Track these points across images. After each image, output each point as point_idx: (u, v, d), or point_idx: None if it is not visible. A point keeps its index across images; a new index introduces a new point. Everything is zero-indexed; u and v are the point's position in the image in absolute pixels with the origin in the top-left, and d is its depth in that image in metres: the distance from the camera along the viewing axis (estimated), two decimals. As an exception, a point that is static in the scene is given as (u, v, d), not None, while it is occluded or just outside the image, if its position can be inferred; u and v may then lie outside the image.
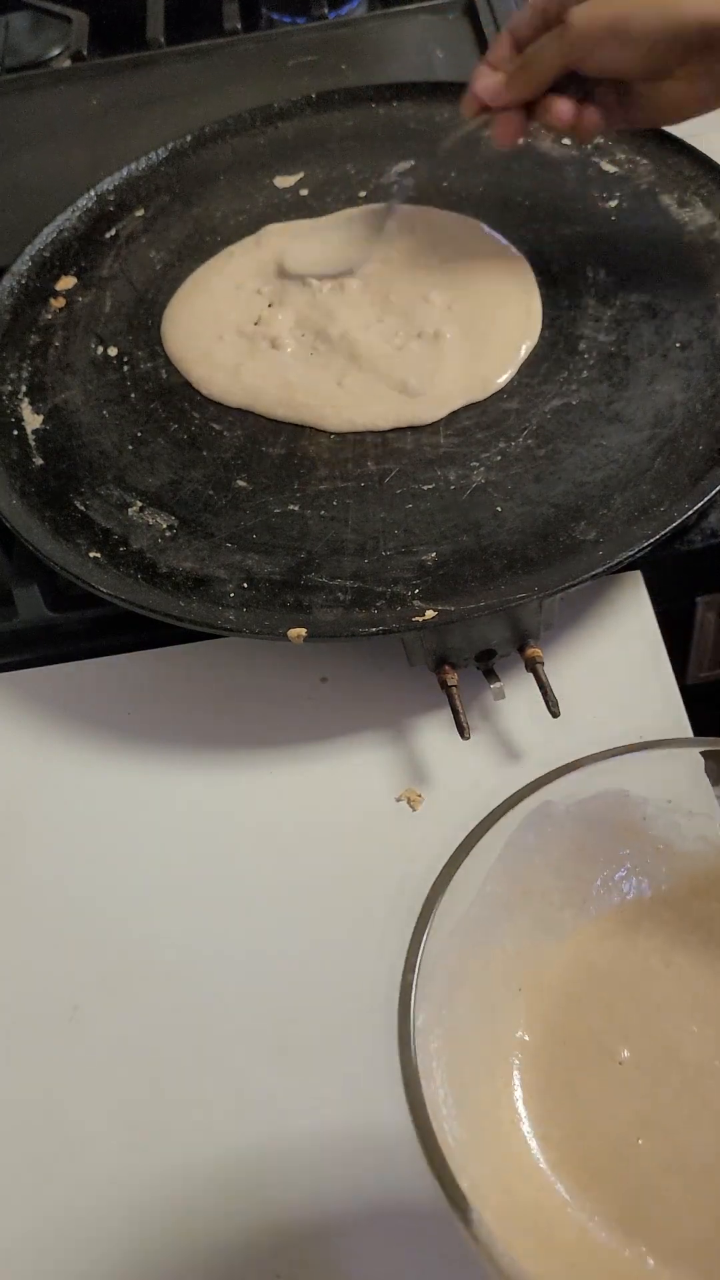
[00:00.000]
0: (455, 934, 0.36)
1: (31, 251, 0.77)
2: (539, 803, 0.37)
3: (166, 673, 0.60)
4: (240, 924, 0.52)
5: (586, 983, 0.39)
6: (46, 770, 0.58)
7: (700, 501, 0.57)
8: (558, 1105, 0.37)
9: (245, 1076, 0.48)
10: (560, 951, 0.40)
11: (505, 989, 0.39)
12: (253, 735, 0.58)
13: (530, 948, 0.40)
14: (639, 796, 0.39)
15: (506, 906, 0.39)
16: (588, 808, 0.39)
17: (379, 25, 0.97)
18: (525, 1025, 0.39)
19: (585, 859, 0.40)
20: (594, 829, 0.39)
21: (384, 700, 0.58)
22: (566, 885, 0.40)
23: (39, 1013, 0.51)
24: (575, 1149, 0.36)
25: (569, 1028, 0.39)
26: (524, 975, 0.39)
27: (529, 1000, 0.39)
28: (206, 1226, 0.45)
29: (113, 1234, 0.46)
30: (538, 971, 0.39)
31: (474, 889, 0.37)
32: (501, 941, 0.39)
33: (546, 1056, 0.38)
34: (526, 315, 0.68)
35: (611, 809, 0.39)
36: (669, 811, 0.40)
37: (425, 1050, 0.34)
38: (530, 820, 0.37)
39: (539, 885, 0.40)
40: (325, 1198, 0.46)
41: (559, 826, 0.38)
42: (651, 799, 0.39)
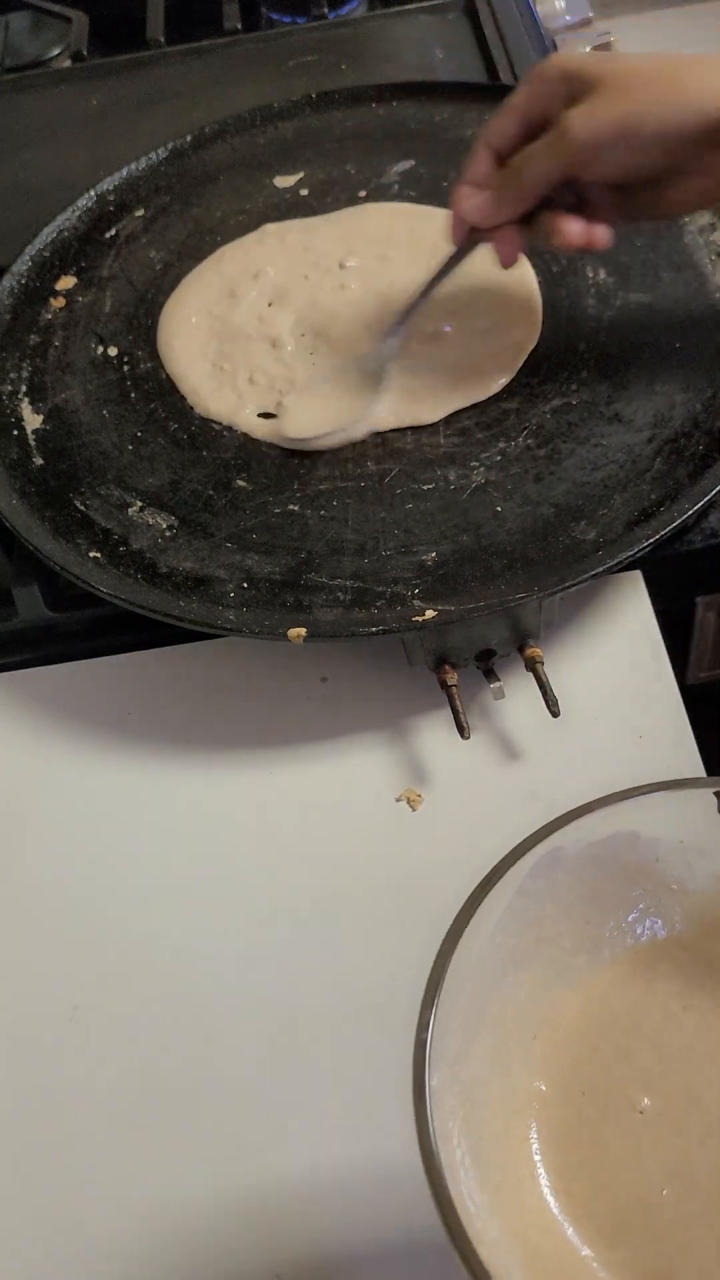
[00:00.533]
0: (467, 986, 0.35)
1: (31, 251, 0.77)
2: (549, 848, 0.36)
3: (166, 673, 0.60)
4: (240, 924, 0.52)
5: (603, 1029, 0.38)
6: (46, 770, 0.58)
7: (700, 501, 0.57)
8: (578, 1157, 0.36)
9: (245, 1076, 0.48)
10: (575, 998, 0.39)
11: (520, 1039, 0.38)
12: (253, 735, 0.58)
13: (544, 995, 0.39)
14: (650, 838, 0.39)
15: (518, 955, 0.38)
16: (599, 851, 0.38)
17: (379, 25, 0.97)
18: (542, 1075, 0.38)
19: (597, 902, 0.39)
20: (605, 872, 0.39)
21: (384, 700, 0.58)
22: (579, 929, 0.40)
23: (39, 1013, 0.51)
24: (599, 1202, 0.36)
25: (587, 1076, 0.38)
26: (539, 1023, 0.38)
27: (544, 1049, 0.38)
28: (206, 1226, 0.45)
29: (111, 1234, 0.46)
30: (553, 1019, 0.39)
31: (485, 939, 0.36)
32: (515, 990, 0.38)
33: (565, 1107, 0.37)
34: (528, 315, 0.68)
35: (623, 851, 0.39)
36: (682, 852, 0.39)
37: (441, 1109, 0.33)
38: (540, 866, 0.37)
39: (551, 931, 0.39)
40: (325, 1196, 0.46)
41: (569, 871, 0.38)
42: (663, 839, 0.39)
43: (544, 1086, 0.38)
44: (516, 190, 0.58)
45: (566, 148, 0.55)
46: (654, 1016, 0.38)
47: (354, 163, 0.81)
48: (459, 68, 0.91)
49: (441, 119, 0.82)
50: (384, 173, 0.79)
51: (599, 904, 0.39)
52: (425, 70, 0.91)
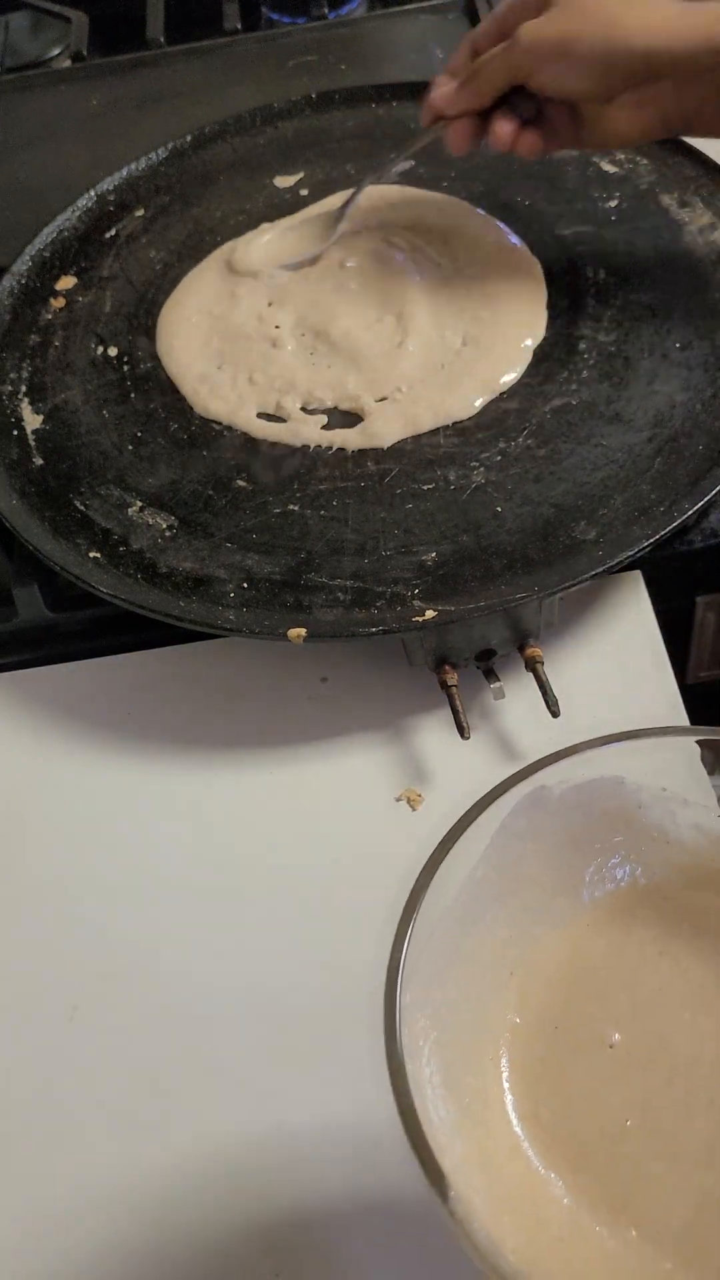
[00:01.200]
0: (446, 917, 0.36)
1: (31, 251, 0.77)
2: (533, 787, 0.37)
3: (166, 673, 0.60)
4: (239, 923, 0.52)
5: (580, 969, 0.39)
6: (46, 770, 0.58)
7: (700, 501, 0.57)
8: (548, 1088, 0.37)
9: (244, 1075, 0.48)
10: (553, 938, 0.40)
11: (497, 973, 0.39)
12: (253, 735, 0.58)
13: (523, 933, 0.40)
14: (634, 784, 0.39)
15: (499, 891, 0.39)
16: (582, 794, 0.38)
17: (379, 25, 0.97)
18: (517, 1009, 0.39)
19: (578, 846, 0.40)
20: (588, 815, 0.39)
21: (384, 700, 0.58)
22: (559, 872, 0.40)
23: (38, 1013, 0.51)
24: (564, 1131, 0.37)
25: (561, 1013, 0.38)
26: (516, 960, 0.39)
27: (521, 985, 0.39)
28: (205, 1224, 0.45)
29: (111, 1232, 0.46)
30: (530, 957, 0.39)
31: (465, 873, 0.37)
32: (493, 926, 0.39)
33: (538, 1040, 0.38)
34: (532, 315, 0.68)
35: (606, 796, 0.39)
36: (664, 800, 0.40)
37: (412, 1027, 0.34)
38: (523, 805, 0.37)
39: (532, 871, 0.40)
40: (324, 1194, 0.46)
41: (552, 813, 0.38)
42: (646, 787, 0.39)
43: (518, 1019, 0.38)
44: (474, 86, 0.63)
45: (512, 55, 0.61)
46: (630, 959, 0.39)
47: (354, 163, 0.81)
48: (459, 68, 0.91)
49: (441, 119, 0.82)
50: (384, 173, 0.79)
51: (581, 847, 0.40)
52: (425, 70, 0.91)
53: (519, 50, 0.60)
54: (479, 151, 0.77)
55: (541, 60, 0.60)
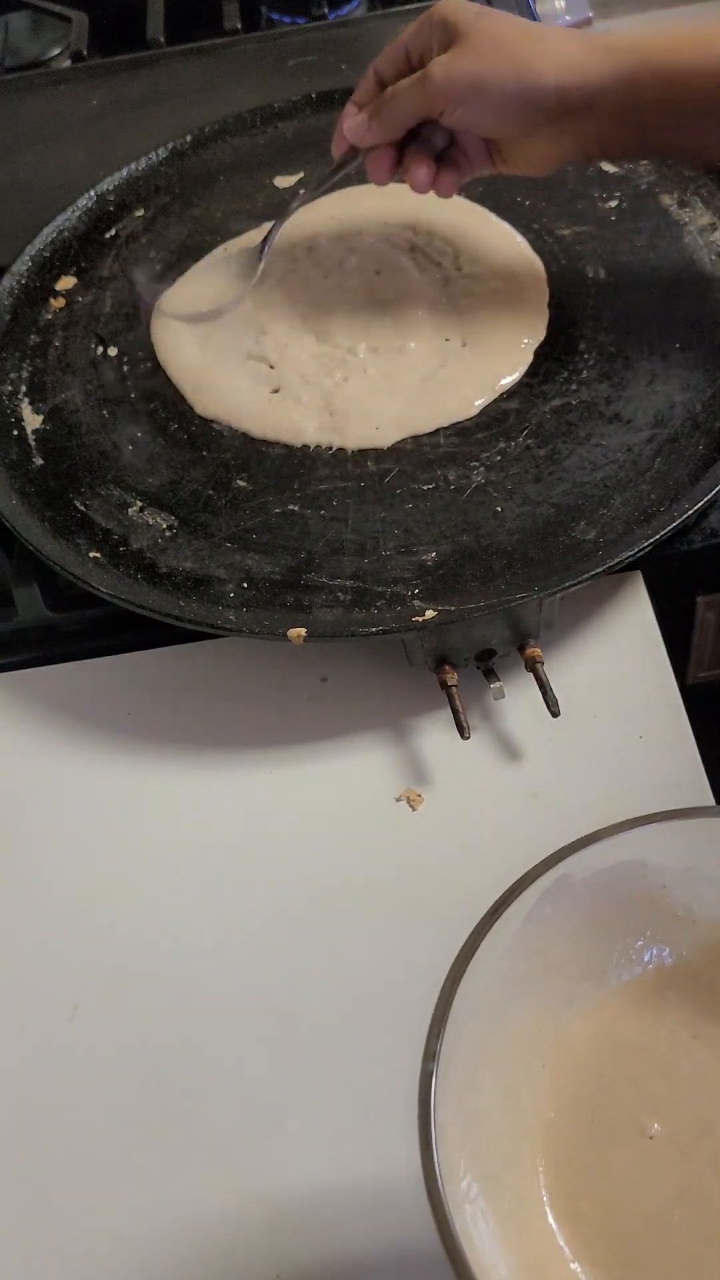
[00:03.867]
0: (474, 1014, 0.35)
1: (31, 251, 0.77)
2: (557, 876, 0.36)
3: (166, 673, 0.60)
4: (240, 923, 0.52)
5: (612, 1056, 0.39)
6: (46, 770, 0.58)
7: (700, 501, 0.57)
8: (587, 1182, 0.37)
9: (245, 1075, 0.48)
10: (584, 1025, 0.39)
11: (529, 1066, 0.38)
12: (253, 735, 0.58)
13: (552, 1022, 0.39)
14: (658, 865, 0.39)
15: (526, 981, 0.38)
16: (606, 878, 0.38)
17: (379, 25, 0.97)
18: (551, 1101, 0.38)
19: (604, 929, 0.39)
20: (613, 899, 0.39)
21: (384, 700, 0.58)
22: (586, 956, 0.40)
23: (39, 1013, 0.51)
24: (607, 1225, 0.36)
25: (596, 1103, 0.38)
26: (548, 1050, 0.39)
27: (554, 1075, 0.38)
28: (206, 1226, 0.45)
29: (111, 1233, 0.46)
30: (561, 1046, 0.39)
31: (492, 966, 0.36)
32: (522, 1017, 0.38)
33: (574, 1132, 0.37)
34: (532, 315, 0.68)
35: (630, 878, 0.38)
36: (689, 879, 0.39)
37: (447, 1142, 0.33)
38: (548, 894, 0.37)
39: (558, 958, 0.39)
40: (325, 1196, 0.46)
41: (577, 898, 0.38)
42: (671, 867, 0.39)
43: (553, 1113, 0.38)
44: (384, 119, 0.63)
45: (424, 92, 0.60)
46: (662, 1044, 0.38)
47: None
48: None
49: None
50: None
51: (606, 931, 0.39)
52: (425, 70, 0.91)
53: (430, 88, 0.59)
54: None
55: (454, 99, 0.59)
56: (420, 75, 0.60)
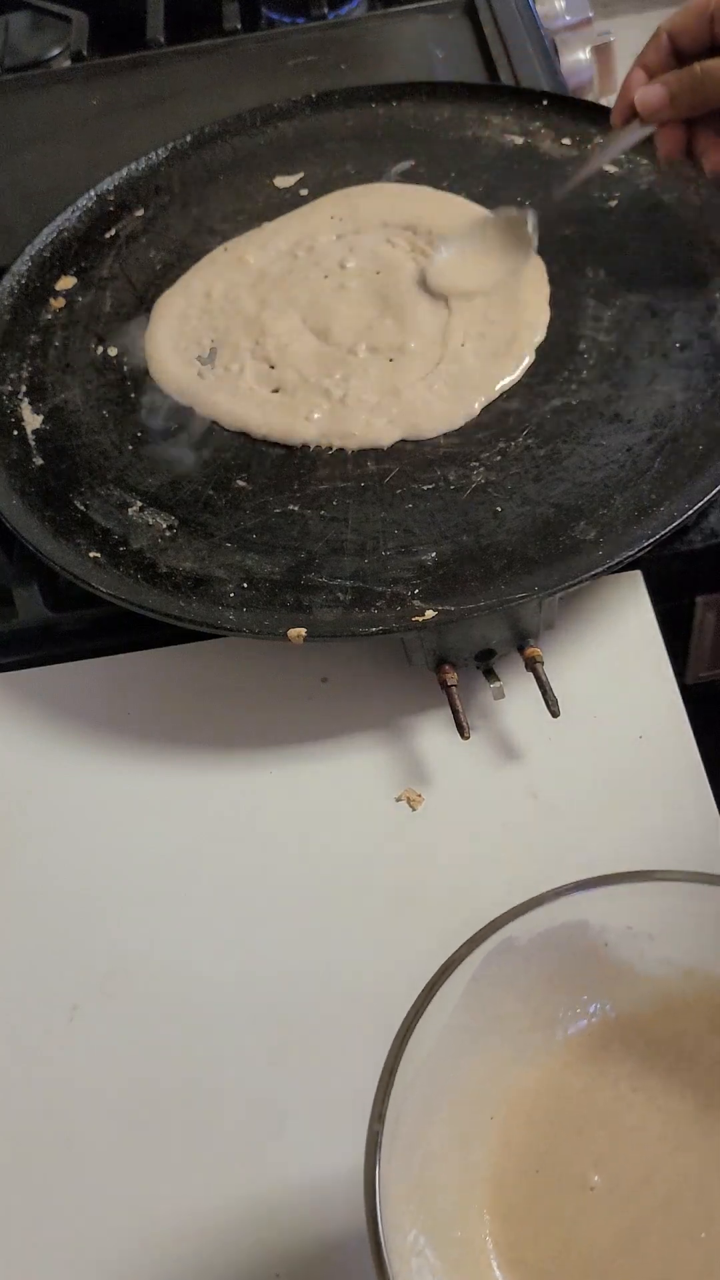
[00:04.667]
0: (423, 1070, 0.36)
1: (31, 251, 0.77)
2: (502, 939, 0.37)
3: (166, 673, 0.60)
4: (239, 924, 0.52)
5: (558, 1109, 0.39)
6: (46, 770, 0.58)
7: (700, 501, 0.57)
8: (532, 1232, 0.37)
9: (244, 1076, 0.48)
10: (531, 1077, 0.40)
11: (478, 1118, 0.39)
12: (253, 735, 0.58)
13: (501, 1075, 0.40)
14: (599, 925, 0.39)
15: (475, 1036, 0.39)
16: (550, 938, 0.38)
17: (379, 25, 0.97)
18: (499, 1152, 0.39)
19: (551, 985, 0.40)
20: (558, 956, 0.39)
21: (384, 700, 0.58)
22: (534, 1010, 0.40)
23: (38, 1013, 0.51)
24: (552, 1274, 0.37)
25: (541, 1154, 0.38)
26: (497, 1103, 0.39)
27: (501, 1127, 0.39)
28: (206, 1225, 0.45)
29: (110, 1233, 0.46)
30: (510, 1098, 0.39)
31: (441, 1023, 0.37)
32: (472, 1070, 0.39)
33: (521, 1183, 0.38)
34: (532, 314, 0.68)
35: (574, 937, 0.39)
36: (631, 937, 0.40)
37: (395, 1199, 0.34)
38: (493, 955, 0.37)
39: (506, 1012, 0.40)
40: (325, 1196, 0.46)
41: (523, 957, 0.38)
42: (612, 926, 0.39)
43: (500, 1163, 0.38)
44: (691, 97, 0.58)
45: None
46: (605, 1096, 0.39)
47: (354, 163, 0.80)
48: (459, 68, 0.91)
49: (441, 119, 0.82)
50: (384, 173, 0.79)
51: (553, 986, 0.40)
52: (425, 70, 0.91)
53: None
54: (477, 150, 0.77)
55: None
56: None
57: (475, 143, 0.80)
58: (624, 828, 0.53)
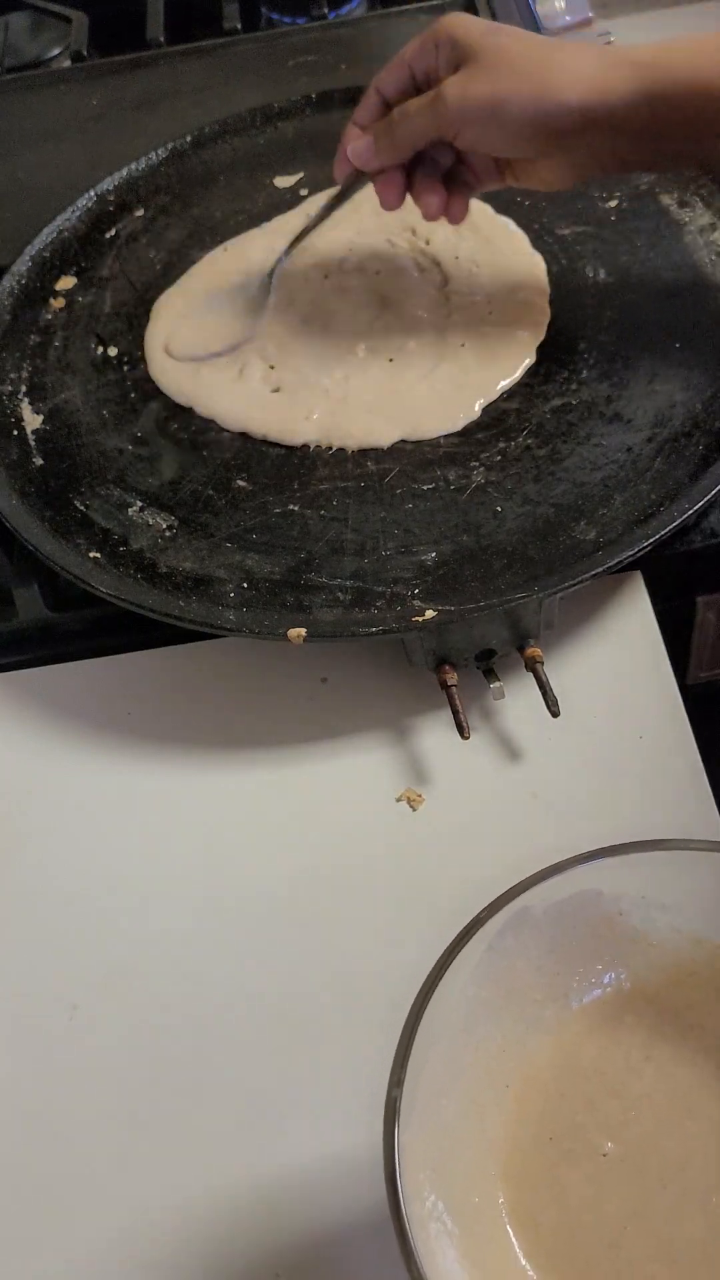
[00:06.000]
0: (440, 1040, 0.37)
1: (31, 251, 0.77)
2: (517, 908, 0.38)
3: (166, 673, 0.60)
4: (239, 923, 0.52)
5: (571, 1078, 0.40)
6: (46, 770, 0.58)
7: (700, 501, 0.57)
8: (546, 1198, 0.38)
9: (244, 1075, 0.48)
10: (546, 1047, 0.41)
11: (493, 1087, 0.40)
12: (253, 735, 0.58)
13: (516, 1045, 0.40)
14: (613, 894, 0.40)
15: (491, 1007, 0.39)
16: (564, 908, 0.40)
17: (379, 25, 0.97)
18: (514, 1121, 0.39)
19: (564, 956, 0.41)
20: (571, 927, 0.40)
21: (384, 700, 0.58)
22: (548, 981, 0.41)
23: (39, 1012, 0.51)
24: (563, 1240, 0.37)
25: (554, 1122, 0.39)
26: (512, 1072, 0.40)
27: (518, 1095, 0.40)
28: (206, 1224, 0.45)
29: (110, 1232, 0.46)
30: (525, 1068, 0.40)
31: (457, 994, 0.37)
32: (488, 1041, 0.40)
33: (534, 1150, 0.39)
34: (533, 314, 0.68)
35: (588, 907, 0.40)
36: (644, 906, 0.41)
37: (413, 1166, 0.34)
38: (509, 925, 0.38)
39: (522, 984, 0.40)
40: (326, 1195, 0.46)
41: (537, 928, 0.39)
42: (626, 895, 0.40)
43: (514, 1131, 0.39)
44: (391, 142, 0.61)
45: (437, 116, 0.58)
46: (617, 1066, 0.40)
47: (354, 163, 0.80)
48: (459, 68, 0.90)
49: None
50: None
51: (567, 957, 0.41)
52: (425, 70, 0.91)
53: (445, 111, 0.57)
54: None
55: (469, 122, 0.57)
56: (432, 97, 0.58)
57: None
58: (624, 828, 0.53)
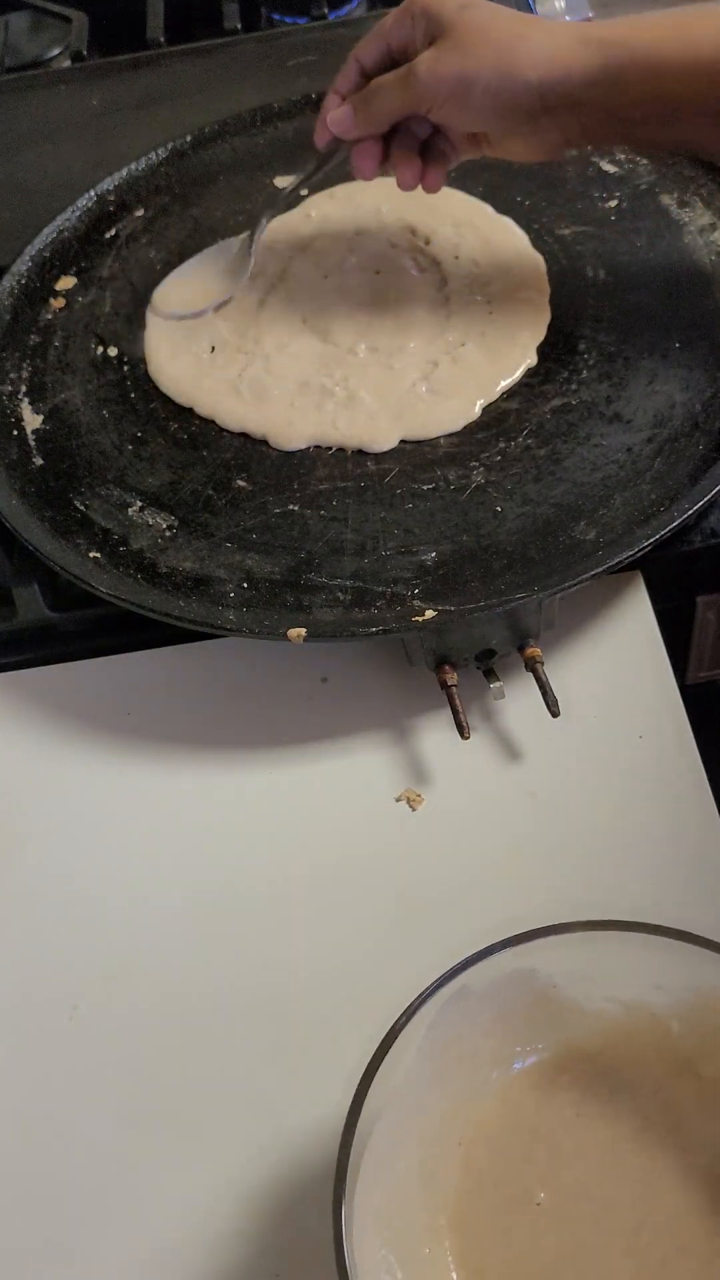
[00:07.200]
0: (391, 1106, 0.39)
1: (31, 251, 0.77)
2: (457, 987, 0.40)
3: (166, 673, 0.60)
4: (239, 924, 0.52)
5: (512, 1134, 0.43)
6: (46, 770, 0.58)
7: (700, 501, 0.57)
8: (489, 1247, 0.41)
9: (244, 1076, 0.48)
10: (492, 1106, 0.44)
11: (443, 1144, 0.43)
12: (253, 735, 0.58)
13: (465, 1106, 0.43)
14: (547, 971, 0.43)
15: (440, 1073, 0.42)
16: (502, 983, 0.42)
17: (379, 25, 0.97)
18: (463, 1174, 0.43)
19: (507, 1025, 0.43)
20: (512, 999, 0.43)
21: (384, 700, 0.58)
22: (493, 1047, 0.44)
23: (39, 1012, 0.51)
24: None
25: (497, 1175, 0.42)
26: (461, 1130, 0.43)
27: (465, 1152, 0.43)
28: (204, 1226, 0.45)
29: (110, 1233, 0.46)
30: (473, 1126, 0.43)
31: (405, 1066, 0.40)
32: (437, 1104, 0.43)
33: (479, 1202, 0.42)
34: (533, 314, 0.68)
35: (524, 983, 0.43)
36: (576, 979, 0.43)
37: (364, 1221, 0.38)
38: (450, 1001, 0.41)
39: (469, 1050, 0.43)
40: (325, 1196, 0.45)
41: (479, 1001, 0.42)
42: (558, 971, 0.43)
43: (461, 1184, 0.42)
44: (369, 113, 0.62)
45: (409, 91, 0.59)
46: (551, 1122, 0.43)
47: (354, 163, 0.80)
48: (459, 68, 0.90)
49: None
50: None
51: (509, 1026, 0.44)
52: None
53: (416, 86, 0.59)
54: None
55: (440, 97, 0.59)
56: (405, 73, 0.60)
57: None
58: (624, 828, 0.53)
